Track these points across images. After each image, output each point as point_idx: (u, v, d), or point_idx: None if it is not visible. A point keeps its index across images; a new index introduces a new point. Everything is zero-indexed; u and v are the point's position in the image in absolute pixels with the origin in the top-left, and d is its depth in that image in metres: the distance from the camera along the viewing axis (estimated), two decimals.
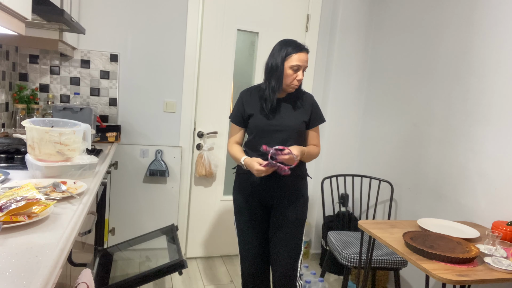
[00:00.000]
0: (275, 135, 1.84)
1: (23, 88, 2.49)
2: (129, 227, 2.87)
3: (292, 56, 1.78)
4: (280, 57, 1.79)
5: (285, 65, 1.78)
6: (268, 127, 1.85)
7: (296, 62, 1.77)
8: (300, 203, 1.92)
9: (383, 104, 2.86)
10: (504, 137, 1.92)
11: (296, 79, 1.80)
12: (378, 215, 2.81)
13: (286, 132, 1.85)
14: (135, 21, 2.68)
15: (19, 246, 0.97)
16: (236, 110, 1.95)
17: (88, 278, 1.24)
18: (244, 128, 1.96)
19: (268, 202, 1.93)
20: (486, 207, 1.99)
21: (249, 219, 1.96)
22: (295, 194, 1.92)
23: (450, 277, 1.34)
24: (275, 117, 1.86)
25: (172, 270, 2.04)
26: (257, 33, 2.95)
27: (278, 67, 1.79)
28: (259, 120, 1.86)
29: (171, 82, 2.81)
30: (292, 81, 1.81)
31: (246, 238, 1.98)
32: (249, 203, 1.95)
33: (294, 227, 1.91)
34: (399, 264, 2.19)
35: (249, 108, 1.90)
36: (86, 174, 1.65)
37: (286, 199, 1.90)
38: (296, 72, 1.79)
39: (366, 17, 3.03)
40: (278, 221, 1.91)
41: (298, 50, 1.78)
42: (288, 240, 1.90)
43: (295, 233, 1.91)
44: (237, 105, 1.96)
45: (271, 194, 1.90)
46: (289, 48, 1.79)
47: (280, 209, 1.91)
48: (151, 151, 2.83)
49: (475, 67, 2.10)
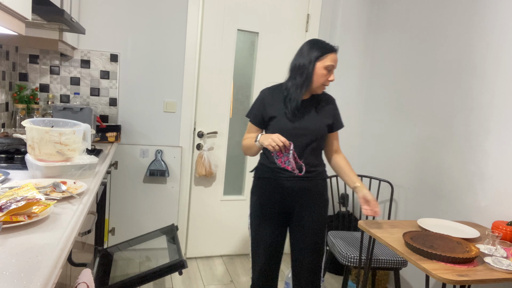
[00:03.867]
0: (298, 139, 1.76)
1: (23, 88, 2.49)
2: (129, 227, 2.87)
3: (327, 56, 1.73)
4: (311, 57, 1.73)
5: (317, 65, 1.73)
6: (291, 131, 1.76)
7: (330, 62, 1.73)
8: (322, 206, 1.87)
9: (383, 104, 2.86)
10: (504, 137, 1.92)
11: (330, 79, 1.76)
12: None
13: (309, 136, 1.78)
14: (135, 21, 2.68)
15: (19, 246, 0.96)
16: (256, 110, 1.86)
17: (88, 278, 1.24)
18: (263, 129, 1.88)
19: (289, 206, 1.86)
20: (486, 207, 1.99)
21: (267, 223, 1.86)
22: (318, 197, 1.86)
23: (450, 277, 1.34)
24: (299, 120, 1.78)
25: (172, 270, 2.04)
26: (257, 33, 2.95)
27: (308, 66, 1.73)
28: (282, 123, 1.78)
29: (171, 82, 2.81)
30: (325, 81, 1.76)
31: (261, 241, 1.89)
32: (269, 207, 1.86)
33: (317, 231, 1.85)
34: (399, 264, 2.19)
35: (271, 109, 1.81)
36: (86, 174, 1.65)
37: (308, 203, 1.84)
38: (329, 72, 1.74)
39: (366, 17, 3.03)
40: (301, 225, 1.85)
41: (332, 50, 1.74)
42: (312, 245, 1.85)
43: (319, 236, 1.86)
44: (257, 104, 1.86)
45: (293, 198, 1.83)
46: (323, 48, 1.74)
47: (302, 214, 1.84)
48: (151, 151, 2.83)
49: (475, 67, 2.10)
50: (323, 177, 1.89)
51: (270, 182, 1.84)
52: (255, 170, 1.93)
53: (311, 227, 1.85)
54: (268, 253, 1.89)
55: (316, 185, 1.85)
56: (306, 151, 1.79)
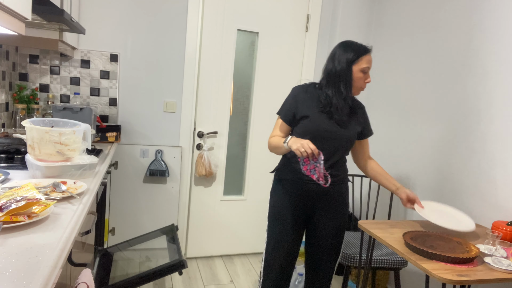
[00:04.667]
0: (327, 143, 1.73)
1: (23, 88, 2.49)
2: (129, 227, 2.87)
3: (363, 58, 1.68)
4: (346, 60, 1.69)
5: (353, 69, 1.69)
6: (323, 134, 1.72)
7: (366, 64, 1.69)
8: (343, 210, 1.85)
9: (383, 104, 2.86)
10: (504, 137, 1.92)
11: (367, 82, 1.72)
12: (378, 215, 2.81)
13: (339, 141, 1.75)
14: (135, 21, 2.68)
15: (19, 246, 0.96)
16: (288, 107, 1.79)
17: (88, 278, 1.24)
18: (291, 127, 1.82)
19: (310, 210, 1.84)
20: (486, 207, 1.99)
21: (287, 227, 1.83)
22: (339, 201, 1.84)
23: (450, 277, 1.34)
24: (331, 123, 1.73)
25: (172, 270, 2.04)
26: (257, 33, 2.95)
27: (346, 73, 1.69)
28: (314, 124, 1.72)
29: (171, 82, 2.81)
30: (362, 84, 1.72)
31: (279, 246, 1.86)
32: (289, 210, 1.82)
33: (337, 234, 1.85)
34: (399, 264, 2.19)
35: (304, 108, 1.74)
36: (86, 174, 1.65)
37: (329, 207, 1.82)
38: (365, 74, 1.70)
39: (366, 17, 3.03)
40: (320, 229, 1.84)
41: (367, 52, 1.70)
42: (331, 249, 1.85)
43: (338, 240, 1.86)
44: (289, 101, 1.79)
45: (315, 202, 1.81)
46: (357, 50, 1.69)
47: (322, 217, 1.83)
48: (151, 151, 2.83)
49: (475, 67, 2.10)
50: (346, 181, 1.87)
51: (292, 185, 1.80)
52: (276, 171, 1.89)
53: (330, 231, 1.84)
54: (285, 257, 1.86)
55: (338, 189, 1.83)
56: (334, 156, 1.77)
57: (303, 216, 1.84)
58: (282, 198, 1.84)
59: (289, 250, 1.86)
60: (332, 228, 1.84)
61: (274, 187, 1.89)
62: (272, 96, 3.03)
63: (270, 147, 1.84)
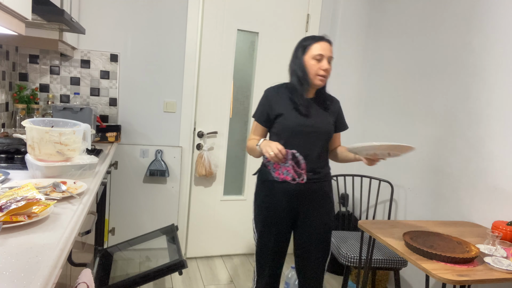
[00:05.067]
0: (305, 137, 1.75)
1: (23, 88, 2.49)
2: (129, 227, 2.87)
3: (311, 46, 1.72)
4: (298, 52, 1.76)
5: (305, 58, 1.73)
6: (299, 128, 1.75)
7: (317, 51, 1.70)
8: (328, 208, 1.86)
9: (383, 104, 2.86)
10: (504, 137, 1.92)
11: (321, 68, 1.71)
12: (378, 215, 2.81)
13: (317, 134, 1.77)
14: (135, 21, 2.68)
15: (19, 246, 0.96)
16: (262, 109, 1.84)
17: (88, 278, 1.24)
18: (268, 128, 1.86)
19: (296, 209, 1.83)
20: (486, 207, 1.99)
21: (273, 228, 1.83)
22: (324, 200, 1.84)
23: (450, 277, 1.34)
24: (306, 117, 1.76)
25: (172, 270, 2.04)
26: (257, 33, 2.95)
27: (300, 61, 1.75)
28: (289, 120, 1.75)
29: (171, 82, 2.81)
30: (317, 71, 1.72)
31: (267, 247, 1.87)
32: (274, 211, 1.82)
33: (324, 234, 1.84)
34: (399, 264, 2.19)
35: (278, 107, 1.78)
36: (86, 174, 1.65)
37: (315, 206, 1.82)
38: (319, 62, 1.71)
39: (366, 17, 3.03)
40: (308, 228, 1.83)
41: (317, 40, 1.73)
42: (318, 247, 1.84)
43: (325, 239, 1.85)
44: (262, 103, 1.84)
45: (300, 201, 1.81)
46: (308, 40, 1.75)
47: (309, 216, 1.83)
48: (151, 151, 2.83)
49: (474, 66, 2.10)
50: (329, 178, 1.88)
51: (275, 185, 1.80)
52: (259, 173, 1.89)
53: (318, 228, 1.83)
54: (274, 258, 1.87)
55: (322, 186, 1.83)
56: (314, 151, 1.77)
57: (288, 217, 1.84)
58: (266, 199, 1.84)
59: (278, 252, 1.87)
60: (319, 227, 1.83)
61: (257, 189, 1.89)
62: None
63: (248, 150, 1.89)
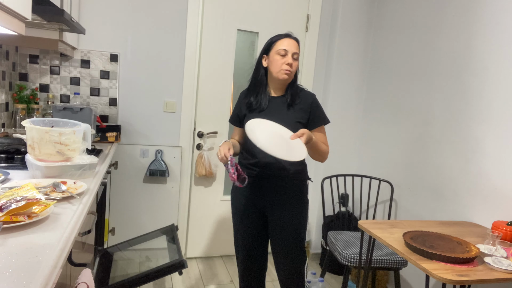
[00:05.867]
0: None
1: (23, 88, 2.49)
2: (129, 227, 2.87)
3: (276, 42, 1.75)
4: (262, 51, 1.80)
5: (270, 54, 1.76)
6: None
7: (281, 46, 1.72)
8: (298, 207, 1.84)
9: (383, 104, 2.86)
10: (504, 137, 1.92)
11: (286, 63, 1.71)
12: (378, 215, 2.81)
13: None
14: (135, 21, 2.68)
15: (19, 246, 0.96)
16: (234, 111, 1.95)
17: (88, 278, 1.24)
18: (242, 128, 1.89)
19: (263, 206, 1.85)
20: (486, 207, 1.99)
21: (245, 222, 1.91)
22: (293, 198, 1.83)
23: (450, 277, 1.34)
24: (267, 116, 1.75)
25: (172, 270, 2.03)
26: (257, 33, 2.95)
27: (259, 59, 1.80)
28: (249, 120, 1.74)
29: (171, 82, 2.81)
30: (281, 65, 1.72)
31: (240, 241, 1.95)
32: (244, 205, 1.89)
33: (293, 232, 1.82)
34: (399, 264, 2.19)
35: (244, 108, 1.86)
36: (86, 174, 1.65)
37: (283, 203, 1.82)
38: (283, 57, 1.72)
39: (366, 17, 3.03)
40: (277, 226, 1.84)
41: (281, 37, 1.76)
42: (289, 247, 1.83)
43: (295, 238, 1.83)
44: (235, 106, 1.96)
45: (266, 197, 1.83)
46: (274, 37, 1.78)
47: (276, 214, 1.83)
48: (151, 151, 2.83)
49: (475, 67, 2.10)
50: (302, 178, 1.86)
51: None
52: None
53: (286, 228, 1.82)
54: (246, 253, 1.93)
55: (292, 185, 1.83)
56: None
57: (256, 214, 1.89)
58: (238, 195, 1.92)
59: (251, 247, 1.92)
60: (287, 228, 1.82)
61: (232, 186, 1.97)
62: None
63: None
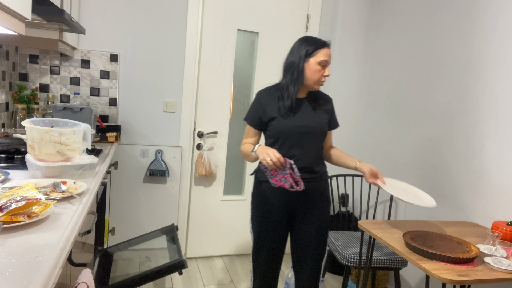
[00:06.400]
0: (300, 137, 1.74)
1: (23, 88, 2.49)
2: (129, 227, 2.87)
3: (319, 51, 1.70)
4: (301, 53, 1.72)
5: (310, 61, 1.70)
6: (292, 129, 1.73)
7: (323, 57, 1.70)
8: (325, 207, 1.85)
9: (383, 104, 2.86)
10: (504, 137, 1.92)
11: (324, 75, 1.72)
12: (378, 215, 2.81)
13: (311, 134, 1.76)
14: (135, 21, 2.68)
15: (19, 246, 0.96)
16: (254, 111, 1.82)
17: (88, 278, 1.24)
18: (261, 131, 1.84)
19: (293, 209, 1.83)
20: (486, 207, 1.99)
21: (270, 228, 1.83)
22: (320, 199, 1.84)
23: (450, 277, 1.34)
24: (299, 118, 1.75)
25: (172, 270, 2.04)
26: (257, 33, 2.95)
27: (298, 64, 1.72)
28: (282, 122, 1.74)
29: (171, 82, 2.81)
30: (320, 77, 1.72)
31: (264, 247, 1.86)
32: (271, 211, 1.82)
33: (320, 232, 1.84)
34: (399, 264, 2.19)
35: (270, 110, 1.77)
36: (86, 174, 1.65)
37: (311, 205, 1.82)
38: (323, 68, 1.71)
39: (366, 17, 3.03)
40: (305, 228, 1.83)
41: (324, 45, 1.71)
42: (315, 246, 1.84)
43: (322, 237, 1.85)
44: (254, 106, 1.82)
45: (297, 201, 1.80)
46: (315, 44, 1.71)
47: (306, 215, 1.82)
48: (151, 151, 2.83)
49: (475, 67, 2.10)
50: (325, 177, 1.88)
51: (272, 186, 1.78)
52: (256, 173, 1.89)
53: (315, 227, 1.83)
54: (270, 258, 1.87)
55: (318, 186, 1.83)
56: (310, 151, 1.77)
57: (285, 217, 1.84)
58: (263, 200, 1.84)
59: (273, 251, 1.87)
60: (316, 226, 1.83)
61: (254, 190, 1.89)
62: None
63: (242, 155, 1.86)
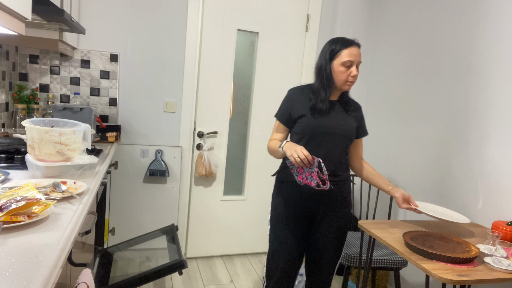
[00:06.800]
0: (327, 138, 1.73)
1: (23, 88, 2.49)
2: (129, 227, 2.87)
3: (341, 52, 1.68)
4: (326, 56, 1.71)
5: (333, 63, 1.69)
6: (320, 129, 1.72)
7: (347, 58, 1.67)
8: (345, 211, 1.85)
9: (383, 104, 2.86)
10: (504, 137, 1.92)
11: (350, 75, 1.69)
12: (378, 215, 2.81)
13: (339, 136, 1.75)
14: (135, 21, 2.68)
15: (19, 246, 0.96)
16: (285, 108, 1.81)
17: (88, 278, 1.24)
18: (289, 128, 1.84)
19: (314, 211, 1.81)
20: (486, 207, 1.99)
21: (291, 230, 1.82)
22: (342, 202, 1.83)
23: (450, 277, 1.34)
24: (328, 119, 1.74)
25: (172, 270, 2.04)
26: (257, 33, 2.95)
27: (325, 67, 1.71)
28: (311, 121, 1.73)
29: (171, 82, 2.81)
30: (347, 78, 1.69)
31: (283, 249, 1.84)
32: (291, 212, 1.81)
33: (339, 235, 1.84)
34: (399, 264, 2.19)
35: (300, 107, 1.76)
36: (86, 174, 1.65)
37: (332, 208, 1.81)
38: (349, 68, 1.68)
39: (366, 17, 3.03)
40: (324, 231, 1.82)
41: (347, 45, 1.69)
42: (332, 250, 1.84)
43: (340, 240, 1.85)
44: (285, 103, 1.82)
45: (318, 203, 1.79)
46: (337, 45, 1.70)
47: (326, 219, 1.81)
48: (151, 151, 2.83)
49: (475, 67, 2.10)
50: (348, 182, 1.87)
51: (294, 187, 1.78)
52: (278, 173, 1.87)
53: (333, 232, 1.83)
54: (287, 261, 1.85)
55: (341, 190, 1.82)
56: (335, 153, 1.76)
57: (305, 219, 1.82)
58: (284, 200, 1.82)
59: (292, 254, 1.84)
60: (335, 230, 1.83)
61: (275, 190, 1.88)
62: (272, 96, 3.03)
63: (269, 151, 1.85)
